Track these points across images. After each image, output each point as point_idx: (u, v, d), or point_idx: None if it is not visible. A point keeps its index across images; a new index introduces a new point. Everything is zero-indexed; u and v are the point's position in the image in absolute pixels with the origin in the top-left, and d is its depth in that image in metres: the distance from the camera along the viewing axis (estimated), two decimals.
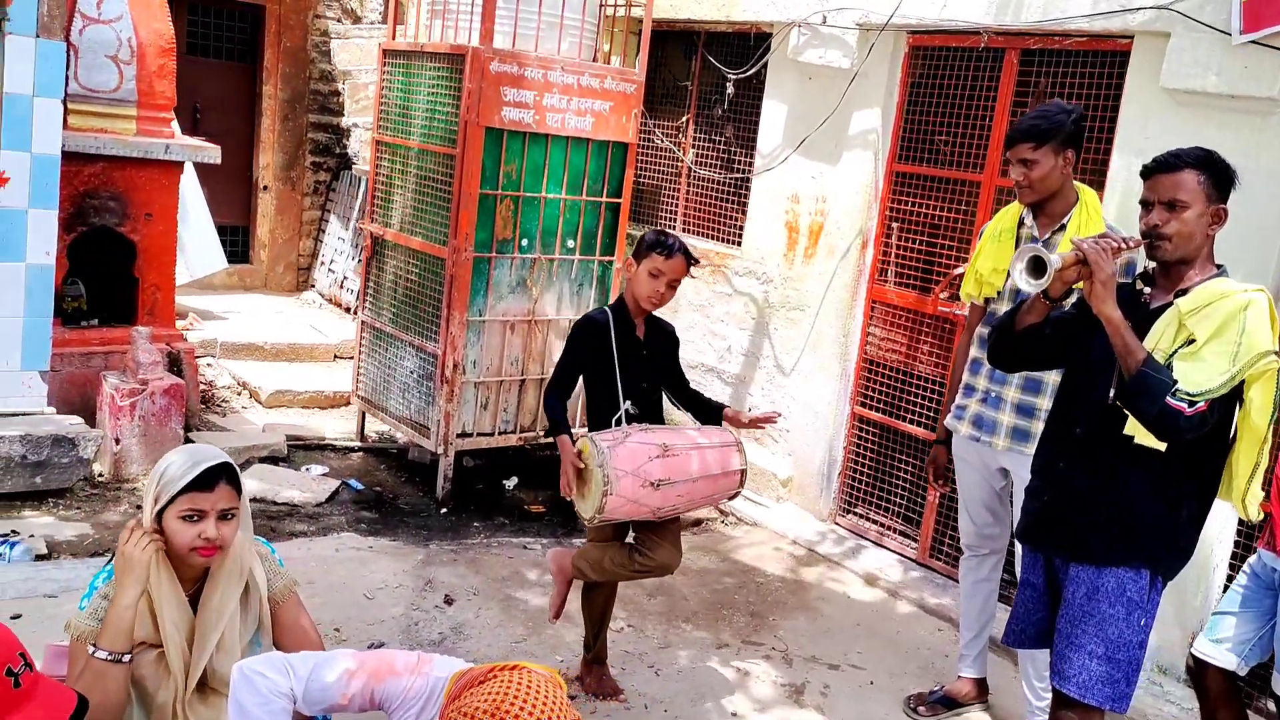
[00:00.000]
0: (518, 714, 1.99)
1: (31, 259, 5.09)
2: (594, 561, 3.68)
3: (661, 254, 3.57)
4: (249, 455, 5.91)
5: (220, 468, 2.53)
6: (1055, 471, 2.88)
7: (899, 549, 5.33)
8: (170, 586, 2.55)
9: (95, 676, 2.41)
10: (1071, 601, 2.82)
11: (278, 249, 9.64)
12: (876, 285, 5.46)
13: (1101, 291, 2.63)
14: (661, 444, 3.45)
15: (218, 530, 2.50)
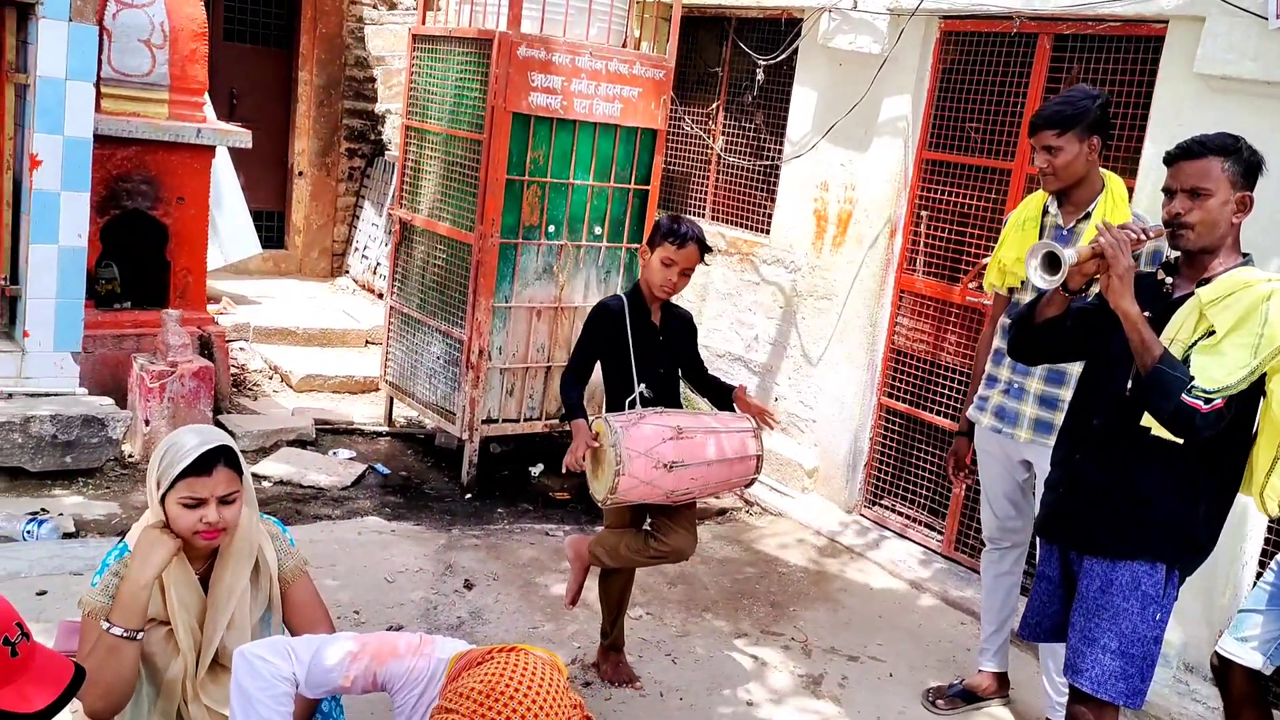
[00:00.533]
0: (513, 694, 2.00)
1: (64, 241, 5.15)
2: (610, 547, 3.68)
3: (674, 243, 3.54)
4: (277, 438, 5.96)
5: (218, 451, 2.51)
6: (1072, 464, 2.84)
7: (923, 541, 5.28)
8: (180, 566, 2.57)
9: (107, 652, 2.44)
10: (1085, 595, 2.77)
11: (312, 235, 9.71)
12: (905, 274, 5.39)
13: (1118, 285, 2.58)
14: (675, 426, 3.43)
15: (218, 514, 2.50)
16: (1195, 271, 2.71)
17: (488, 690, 2.01)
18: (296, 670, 2.38)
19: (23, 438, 4.84)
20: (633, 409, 3.58)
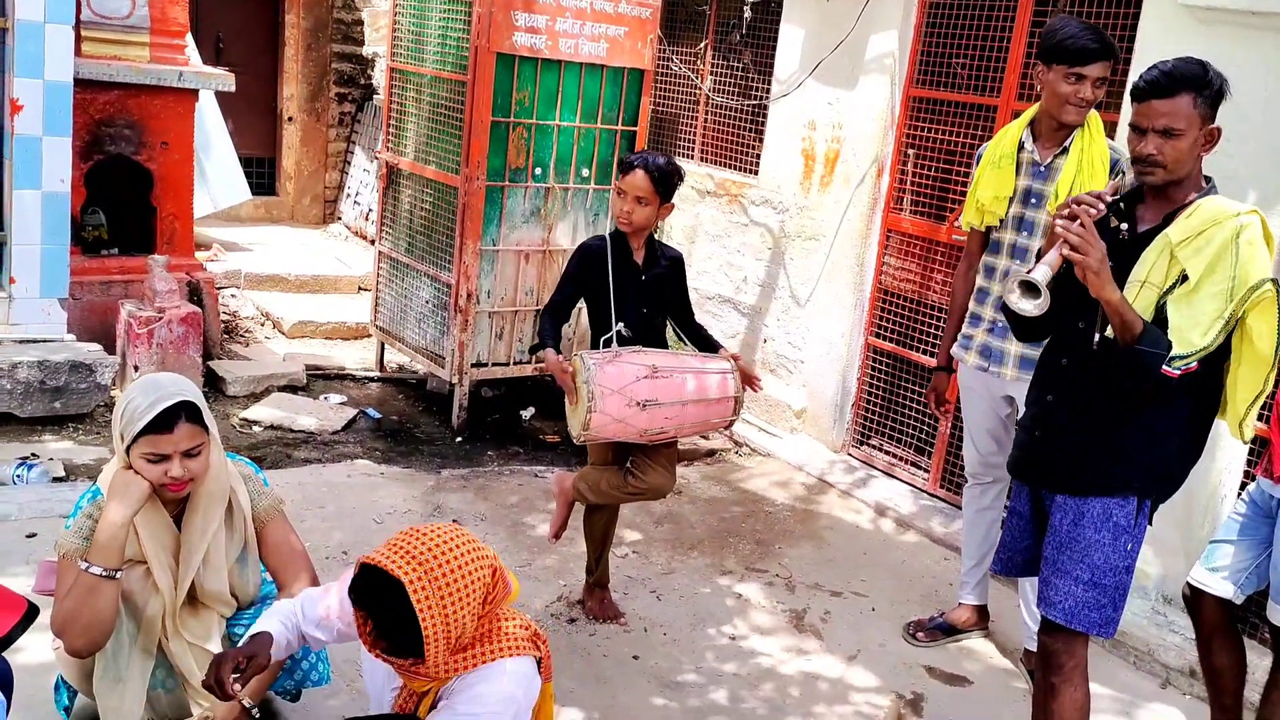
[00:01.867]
0: (421, 531, 2.21)
1: (47, 186, 5.13)
2: (592, 484, 3.71)
3: (621, 171, 3.58)
4: (268, 384, 5.98)
5: (178, 408, 2.50)
6: (1044, 405, 2.83)
7: (909, 479, 5.31)
8: (153, 508, 2.59)
9: (86, 591, 2.47)
10: (1058, 529, 2.78)
11: (303, 181, 9.67)
12: (892, 214, 5.37)
13: (1095, 280, 2.49)
14: (651, 365, 3.45)
15: (183, 468, 2.51)
16: (1161, 205, 2.67)
17: (390, 541, 2.21)
18: (297, 602, 2.52)
19: (11, 384, 4.86)
20: (609, 347, 3.59)
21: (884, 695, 3.66)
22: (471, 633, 2.23)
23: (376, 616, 2.17)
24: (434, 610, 2.10)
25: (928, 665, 3.87)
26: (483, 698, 2.23)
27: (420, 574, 2.10)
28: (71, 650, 2.53)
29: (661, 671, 3.64)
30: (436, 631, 2.12)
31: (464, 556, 2.18)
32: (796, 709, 3.52)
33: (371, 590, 2.14)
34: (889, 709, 3.51)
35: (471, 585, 2.17)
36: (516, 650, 2.29)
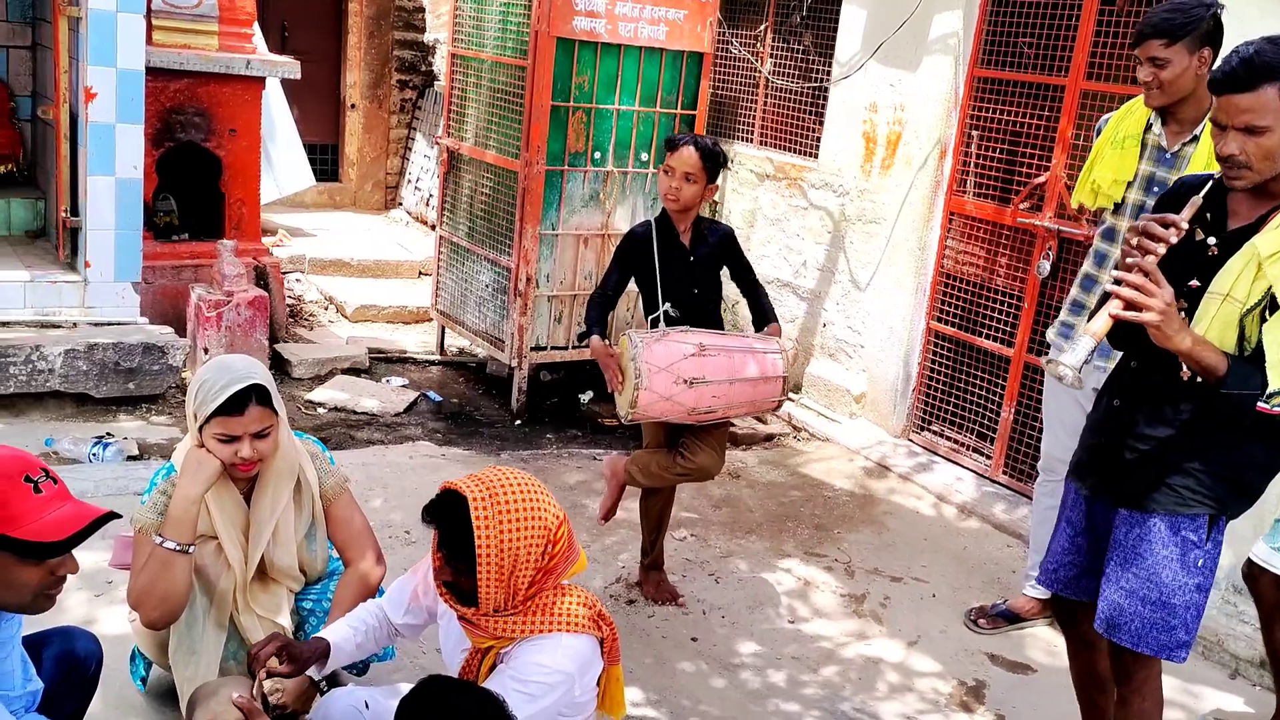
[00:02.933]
0: (506, 472, 2.31)
1: (121, 173, 5.26)
2: (642, 465, 3.73)
3: (670, 150, 3.59)
4: (332, 366, 6.09)
5: (249, 391, 2.55)
6: (1110, 409, 2.61)
7: (972, 465, 5.25)
8: (224, 485, 2.65)
9: (161, 565, 2.54)
10: (1122, 544, 2.56)
11: (366, 167, 9.79)
12: (955, 196, 5.29)
13: (1158, 334, 2.25)
14: (698, 344, 3.46)
15: (252, 449, 2.57)
16: (1258, 201, 2.37)
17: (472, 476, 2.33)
18: (382, 599, 2.62)
19: (87, 365, 5.00)
20: (656, 327, 3.60)
21: (946, 681, 3.64)
22: (528, 581, 2.28)
23: (443, 532, 2.27)
24: (490, 531, 2.20)
25: (990, 652, 3.84)
26: (535, 668, 2.27)
27: (485, 495, 2.23)
28: (147, 622, 2.61)
29: (720, 653, 3.66)
30: (489, 551, 2.21)
31: (531, 497, 2.28)
32: (856, 693, 3.52)
33: (442, 506, 2.27)
34: None
35: (532, 523, 2.25)
36: (576, 627, 2.32)
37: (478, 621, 2.32)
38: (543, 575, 2.31)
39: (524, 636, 2.31)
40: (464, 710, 1.94)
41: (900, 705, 3.49)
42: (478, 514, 2.22)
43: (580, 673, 2.33)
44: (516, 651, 2.32)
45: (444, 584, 2.35)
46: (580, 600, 2.37)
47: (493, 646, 2.36)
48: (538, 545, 2.27)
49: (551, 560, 2.32)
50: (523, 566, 2.26)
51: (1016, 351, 4.98)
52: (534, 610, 2.32)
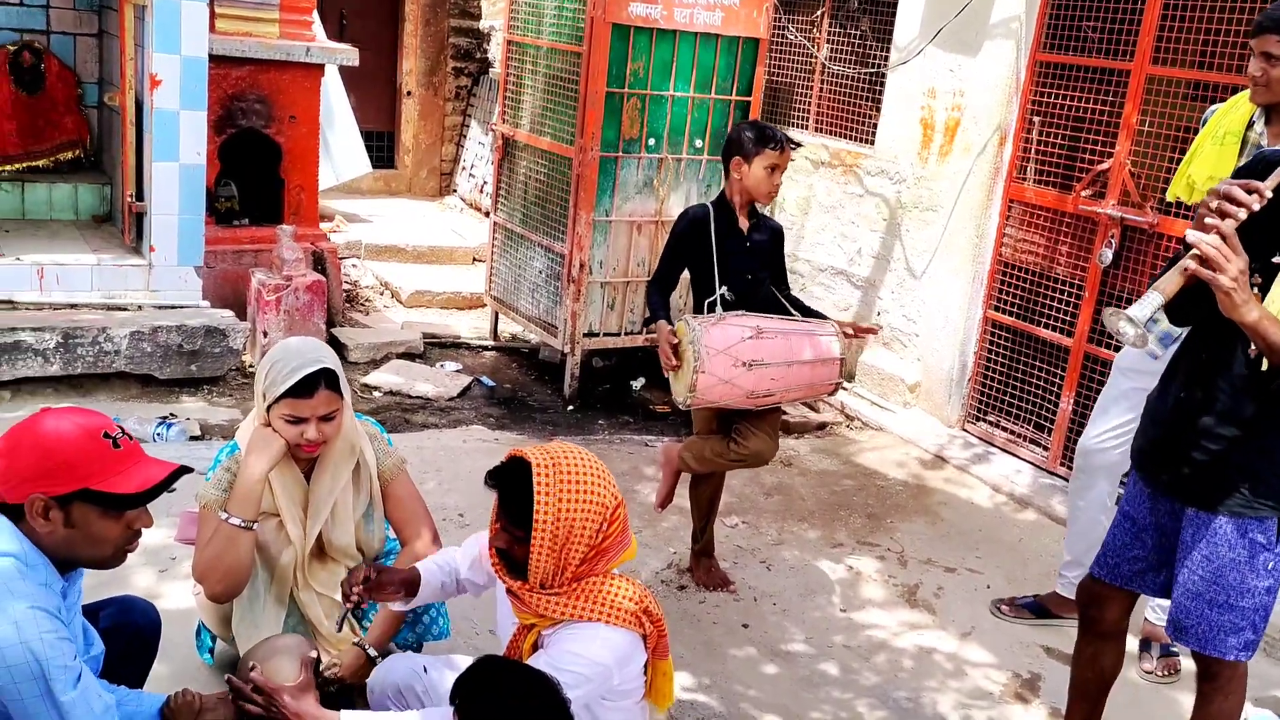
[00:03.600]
0: (555, 443, 2.35)
1: (184, 159, 5.35)
2: (696, 452, 3.74)
3: (775, 148, 3.57)
4: (387, 351, 6.16)
5: (319, 374, 2.58)
6: (1176, 399, 2.53)
7: (1029, 457, 5.18)
8: (286, 464, 2.70)
9: (226, 540, 2.60)
10: (1187, 545, 2.51)
11: (421, 154, 9.87)
12: (1014, 183, 5.22)
13: (1227, 301, 2.19)
14: (755, 326, 3.45)
15: (318, 432, 2.61)
16: None
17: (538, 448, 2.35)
18: (454, 550, 2.66)
19: (152, 346, 5.11)
20: (713, 311, 3.59)
21: (1000, 672, 3.61)
22: (579, 558, 2.29)
23: (503, 495, 2.31)
24: (550, 498, 2.23)
25: (1045, 645, 3.79)
26: (571, 657, 2.28)
27: (549, 465, 2.27)
28: (211, 596, 2.66)
29: (771, 640, 3.65)
30: (546, 518, 2.23)
31: (593, 474, 2.31)
32: (909, 682, 3.50)
33: (505, 471, 2.32)
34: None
35: (591, 500, 2.27)
36: (617, 620, 2.31)
37: (523, 596, 2.34)
38: (594, 555, 2.32)
39: (565, 619, 2.32)
40: (518, 691, 1.96)
41: (953, 696, 3.46)
42: (539, 481, 2.24)
43: (618, 665, 2.32)
44: (556, 637, 2.33)
45: (498, 551, 2.37)
46: (627, 594, 2.35)
47: (536, 624, 2.38)
48: (594, 521, 2.28)
49: (605, 540, 2.33)
50: (576, 540, 2.27)
51: (1076, 341, 4.91)
52: (579, 594, 2.32)
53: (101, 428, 2.00)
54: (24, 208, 6.05)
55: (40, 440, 1.92)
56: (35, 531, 1.93)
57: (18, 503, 1.91)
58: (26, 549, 1.91)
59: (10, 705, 1.84)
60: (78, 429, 1.96)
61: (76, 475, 1.93)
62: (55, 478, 1.92)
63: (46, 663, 1.82)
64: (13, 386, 4.95)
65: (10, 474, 1.91)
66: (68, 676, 1.85)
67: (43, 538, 1.94)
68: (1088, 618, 2.87)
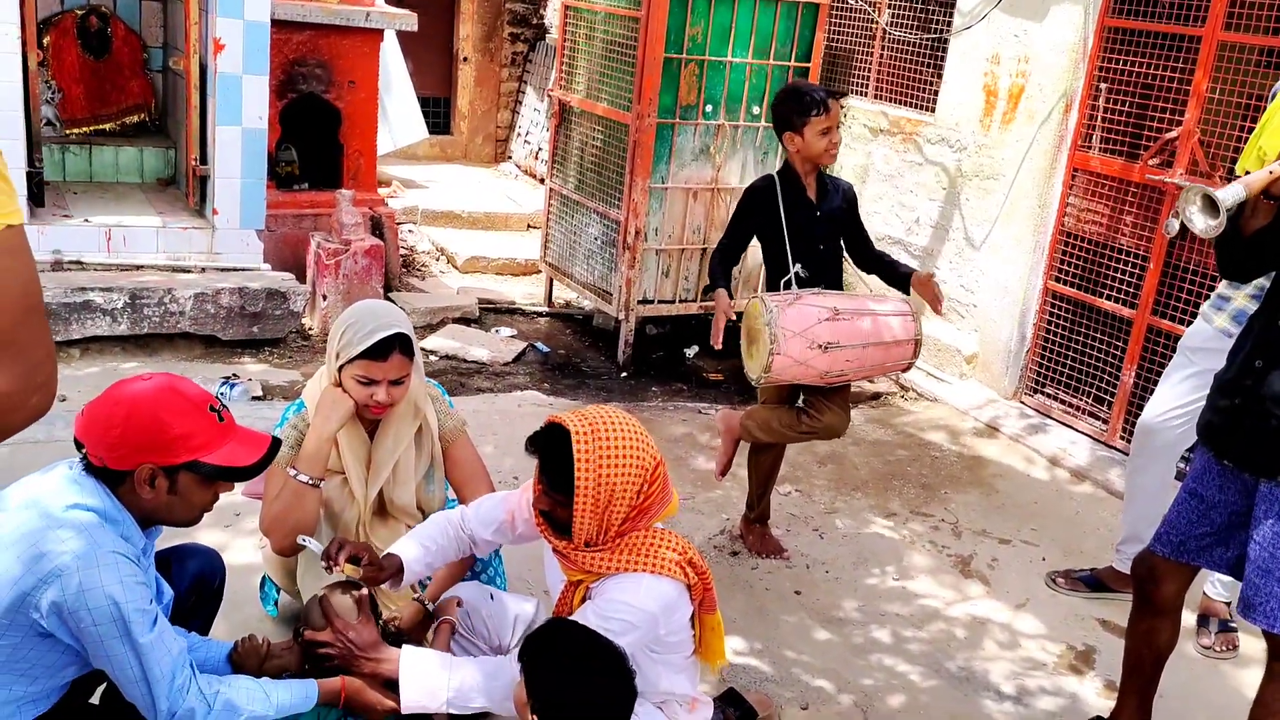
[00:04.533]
0: (592, 408, 2.34)
1: (247, 123, 5.43)
2: (762, 422, 3.72)
3: (821, 113, 3.48)
4: (443, 316, 6.22)
5: (395, 338, 2.61)
6: (1251, 370, 2.48)
7: (1086, 429, 5.12)
8: (351, 423, 2.75)
9: (294, 496, 2.66)
10: (1260, 521, 2.45)
11: (477, 120, 9.90)
12: (1079, 152, 5.12)
13: None
14: (832, 308, 3.42)
15: (388, 394, 2.65)
16: None
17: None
18: (463, 512, 2.64)
19: (215, 308, 5.21)
20: (789, 289, 3.57)
21: (1054, 644, 3.59)
22: (622, 518, 2.32)
23: (544, 461, 2.34)
24: (590, 464, 2.26)
25: (1101, 618, 3.76)
26: (617, 605, 2.31)
27: (588, 430, 2.29)
28: (276, 549, 2.73)
29: (823, 607, 3.66)
30: (587, 484, 2.26)
31: (632, 437, 2.33)
32: (961, 651, 3.49)
33: (546, 437, 2.34)
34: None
35: (631, 462, 2.30)
36: (662, 569, 2.34)
37: (569, 554, 2.39)
38: (636, 514, 2.35)
39: (610, 573, 2.36)
40: (586, 659, 1.99)
41: (1006, 666, 3.45)
42: (579, 447, 2.27)
43: (664, 613, 2.35)
44: (603, 588, 2.37)
45: (541, 513, 2.41)
46: (670, 545, 2.39)
47: (583, 580, 2.41)
48: (634, 483, 2.31)
49: (646, 500, 2.36)
50: (618, 502, 2.31)
51: (1139, 313, 4.82)
52: (623, 549, 2.36)
53: (207, 400, 2.07)
54: (91, 170, 6.19)
55: (156, 413, 1.97)
56: (132, 495, 2.00)
57: (122, 469, 1.97)
58: (109, 506, 1.97)
59: (90, 647, 1.91)
60: (188, 403, 2.02)
61: (189, 448, 2.00)
62: (169, 450, 1.98)
63: (126, 606, 1.88)
64: (82, 345, 5.08)
65: (122, 444, 1.96)
66: (145, 620, 1.92)
67: (142, 503, 2.01)
68: (1144, 593, 2.84)
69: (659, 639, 2.42)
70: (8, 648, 1.90)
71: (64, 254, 5.24)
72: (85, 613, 1.86)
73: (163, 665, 1.93)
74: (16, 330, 1.23)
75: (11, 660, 1.91)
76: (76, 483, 1.97)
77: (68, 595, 1.85)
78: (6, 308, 1.22)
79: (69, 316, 4.94)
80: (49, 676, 1.98)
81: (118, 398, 2.00)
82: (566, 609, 2.47)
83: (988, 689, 3.32)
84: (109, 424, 1.97)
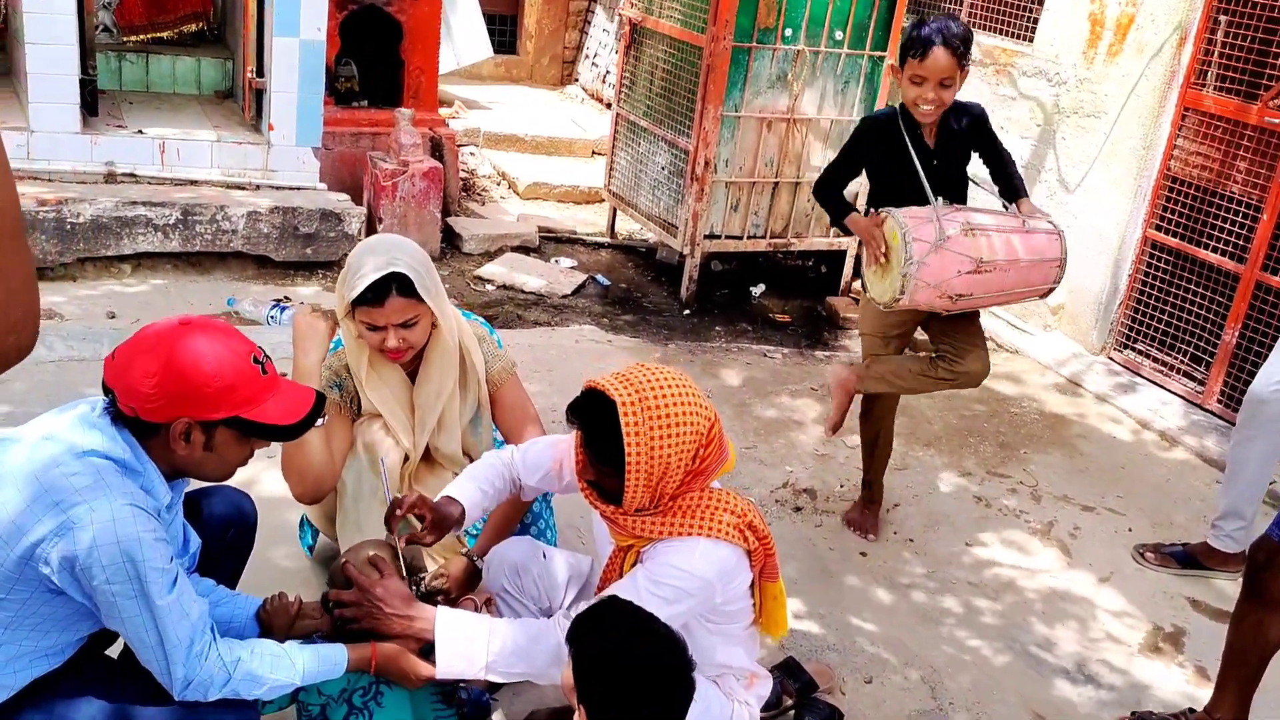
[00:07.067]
0: (636, 369, 2.13)
1: (305, 34, 5.21)
2: (887, 374, 3.37)
3: (916, 55, 3.04)
4: (502, 243, 6.02)
5: (389, 280, 2.37)
6: None
7: (1179, 390, 4.79)
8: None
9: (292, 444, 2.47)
10: None
11: (544, 40, 9.58)
12: (1191, 90, 4.71)
13: None
14: (976, 259, 3.06)
15: (398, 339, 2.43)
16: None
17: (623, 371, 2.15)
18: (515, 453, 2.46)
19: (268, 228, 5.05)
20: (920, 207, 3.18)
21: (1141, 622, 3.34)
22: (676, 484, 2.14)
23: (589, 434, 2.14)
24: (640, 437, 2.06)
25: (1192, 597, 3.50)
26: (670, 570, 2.14)
27: (635, 399, 2.06)
28: (297, 496, 2.57)
29: (890, 571, 3.45)
30: (639, 460, 2.06)
31: (683, 399, 2.10)
32: (1038, 626, 3.26)
33: (589, 409, 2.11)
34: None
35: (683, 428, 2.09)
36: (718, 533, 2.16)
37: (618, 519, 2.20)
38: (691, 477, 2.16)
39: (663, 537, 2.17)
40: (642, 645, 1.81)
41: (1087, 645, 3.22)
42: (627, 419, 2.05)
43: (720, 580, 2.17)
44: (655, 552, 2.20)
45: (588, 482, 2.21)
46: (727, 506, 2.20)
47: (633, 545, 2.23)
48: (689, 449, 2.12)
49: (702, 463, 2.16)
50: (673, 471, 2.12)
51: (1248, 268, 4.46)
52: (677, 510, 2.18)
53: (250, 351, 1.88)
54: (148, 80, 6.03)
55: (197, 364, 1.79)
56: (164, 449, 1.83)
57: (157, 422, 1.80)
58: (130, 457, 1.80)
59: (103, 606, 1.75)
60: (232, 354, 1.84)
61: (231, 402, 1.82)
62: (211, 404, 1.81)
63: (143, 564, 1.72)
64: (133, 260, 4.96)
65: (160, 395, 1.78)
66: (164, 580, 1.76)
67: (174, 457, 1.84)
68: (1258, 581, 2.58)
69: (715, 608, 2.24)
70: (16, 603, 1.76)
71: (117, 165, 5.11)
72: (99, 569, 1.70)
73: (180, 630, 1.78)
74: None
75: (21, 615, 1.77)
76: (96, 427, 1.79)
77: (79, 549, 1.69)
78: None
79: (120, 230, 4.82)
80: (61, 631, 1.84)
81: (154, 344, 1.80)
82: (616, 575, 2.29)
83: (1064, 670, 3.10)
84: (144, 373, 1.78)
